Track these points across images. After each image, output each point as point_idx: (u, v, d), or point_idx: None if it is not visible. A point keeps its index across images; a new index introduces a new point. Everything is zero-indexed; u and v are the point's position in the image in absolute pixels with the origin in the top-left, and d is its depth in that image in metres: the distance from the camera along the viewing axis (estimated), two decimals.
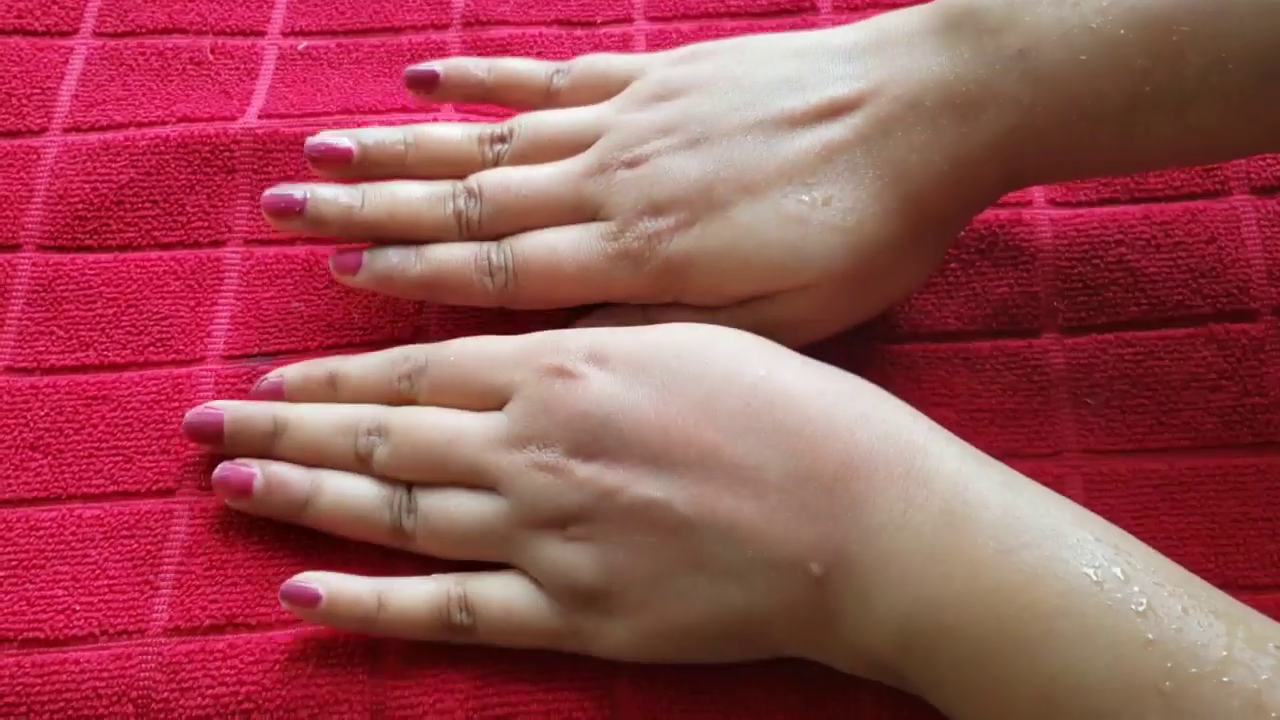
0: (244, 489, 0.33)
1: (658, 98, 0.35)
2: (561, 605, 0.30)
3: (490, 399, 0.33)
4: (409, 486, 0.33)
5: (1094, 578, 0.26)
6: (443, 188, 0.36)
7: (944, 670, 0.27)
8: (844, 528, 0.28)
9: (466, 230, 0.35)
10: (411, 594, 0.31)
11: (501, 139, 0.37)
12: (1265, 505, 0.34)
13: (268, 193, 0.36)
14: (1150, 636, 0.25)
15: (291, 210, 0.35)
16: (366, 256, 0.35)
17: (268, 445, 0.34)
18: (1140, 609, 0.25)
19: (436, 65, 0.38)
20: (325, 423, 0.34)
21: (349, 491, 0.33)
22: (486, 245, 0.35)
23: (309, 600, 0.31)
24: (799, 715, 0.31)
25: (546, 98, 0.38)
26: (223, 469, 0.33)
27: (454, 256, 0.35)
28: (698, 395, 0.30)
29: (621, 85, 0.36)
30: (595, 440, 0.30)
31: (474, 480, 0.32)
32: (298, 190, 0.36)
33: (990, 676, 0.26)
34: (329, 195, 0.35)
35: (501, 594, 0.31)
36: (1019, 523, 0.27)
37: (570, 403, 0.31)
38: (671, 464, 0.29)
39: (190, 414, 0.35)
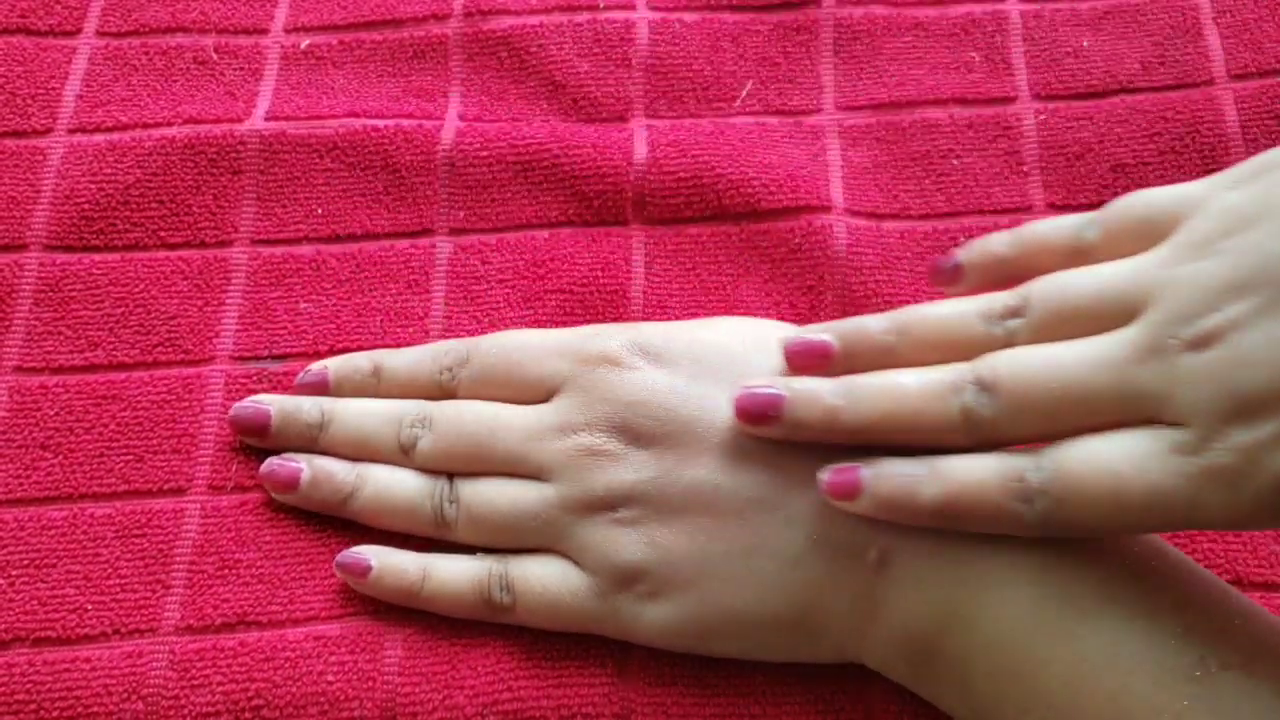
0: (291, 483, 0.34)
1: (1224, 235, 0.25)
2: (605, 587, 0.31)
3: (534, 391, 0.33)
4: (450, 478, 0.33)
5: (1133, 568, 0.27)
6: (945, 375, 0.28)
7: (976, 650, 0.27)
8: None
9: (977, 432, 0.27)
10: (454, 570, 0.32)
11: (1015, 312, 0.28)
12: None
13: (740, 395, 0.29)
14: (1182, 628, 0.25)
15: (764, 414, 0.29)
16: (869, 476, 0.28)
17: (313, 438, 0.35)
18: (1175, 601, 0.26)
19: (959, 254, 0.32)
20: (371, 415, 0.34)
21: (392, 483, 0.33)
22: (1019, 461, 0.27)
23: (360, 570, 0.33)
24: (808, 712, 0.32)
25: (1076, 257, 0.29)
26: (270, 464, 0.34)
27: (976, 472, 0.27)
28: None
29: (1171, 225, 0.27)
30: (653, 424, 0.31)
31: (520, 469, 0.32)
32: (764, 389, 0.29)
33: (1022, 656, 0.26)
34: (809, 392, 0.29)
35: (543, 574, 0.31)
36: None
37: (624, 390, 0.31)
38: (735, 452, 0.30)
39: (237, 407, 0.35)
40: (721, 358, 0.32)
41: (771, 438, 0.29)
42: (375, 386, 0.35)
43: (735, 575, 0.29)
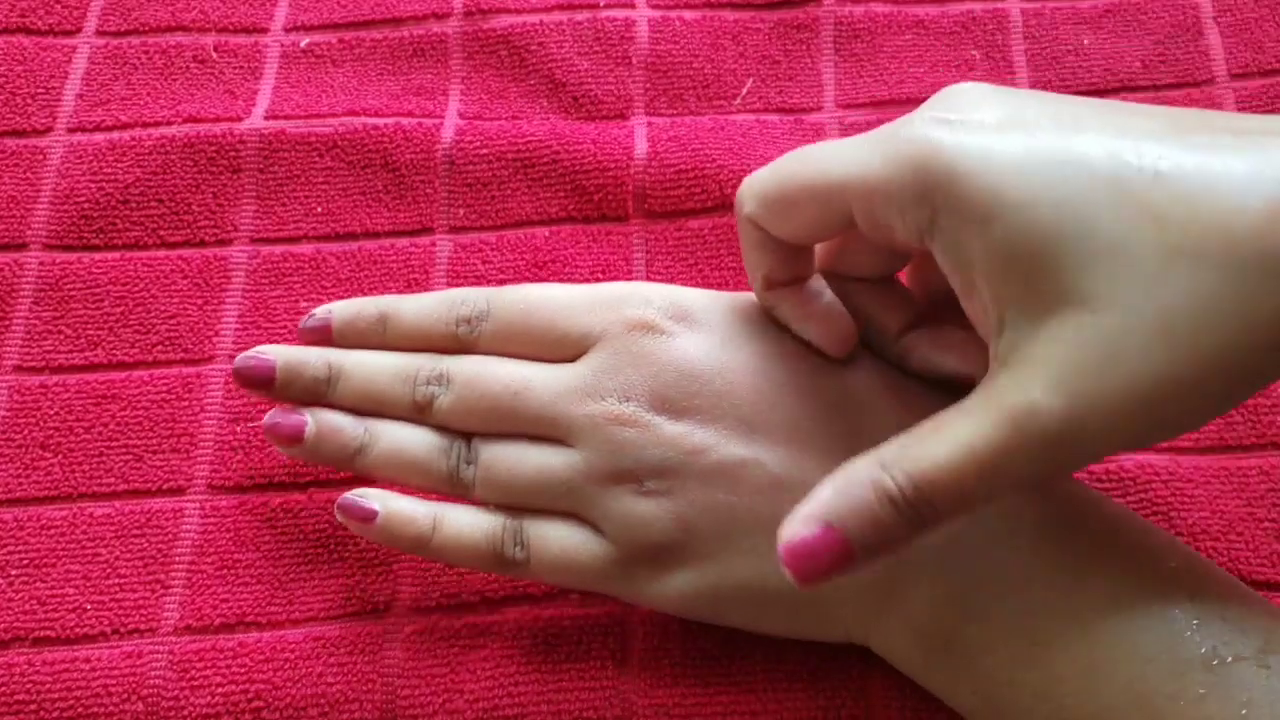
0: (295, 436, 0.32)
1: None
2: (625, 556, 0.30)
3: (562, 349, 0.32)
4: (466, 437, 0.32)
5: (1150, 561, 0.27)
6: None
7: (994, 639, 0.27)
8: None
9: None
10: (467, 521, 0.31)
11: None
12: (1269, 507, 0.34)
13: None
14: (1198, 620, 0.26)
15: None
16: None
17: (320, 392, 0.33)
18: (1191, 594, 0.26)
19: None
20: (383, 370, 0.33)
21: (405, 440, 0.32)
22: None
23: (365, 516, 0.31)
24: (810, 711, 0.32)
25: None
26: (274, 416, 0.33)
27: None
28: (789, 370, 0.30)
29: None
30: (685, 396, 0.30)
31: (543, 431, 0.31)
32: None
33: (1040, 642, 0.27)
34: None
35: (561, 537, 0.31)
36: (1087, 505, 0.28)
37: (659, 357, 0.30)
38: (764, 427, 0.30)
39: (241, 359, 0.33)
40: (755, 328, 0.31)
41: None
42: (381, 336, 0.34)
43: (756, 550, 0.29)
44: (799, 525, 0.25)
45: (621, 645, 0.33)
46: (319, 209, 0.40)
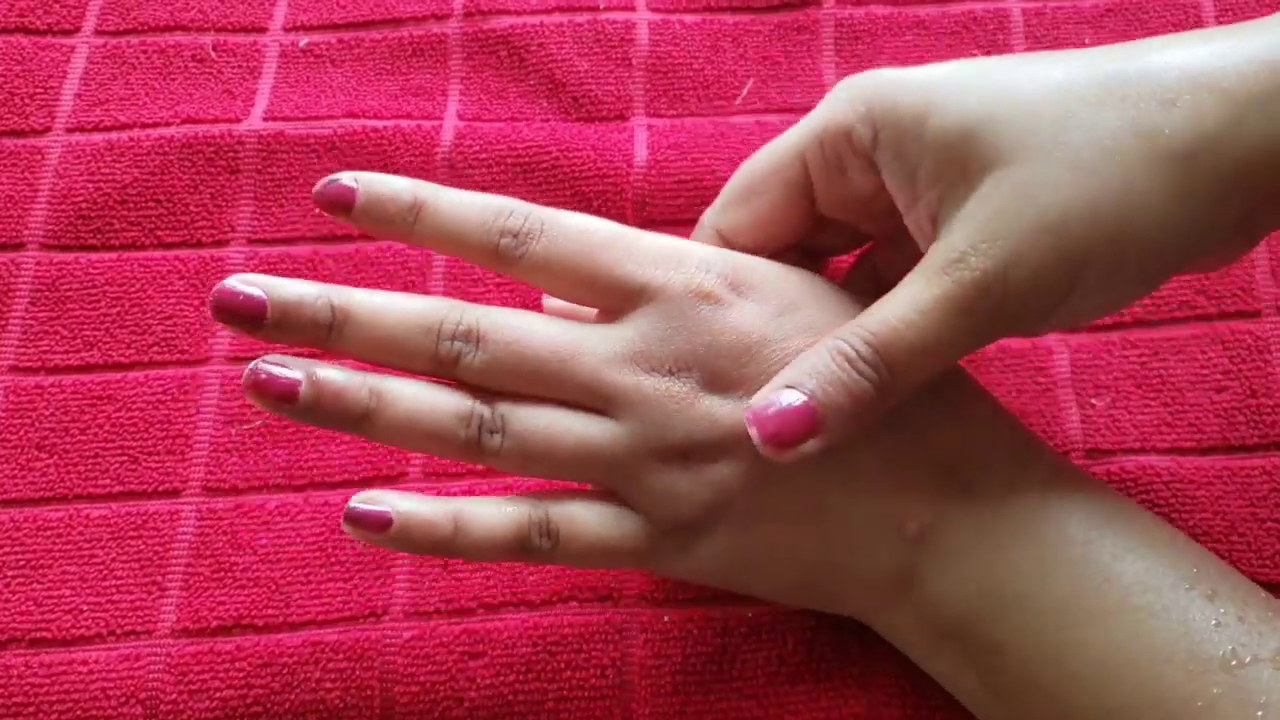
0: (286, 395, 0.28)
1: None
2: (657, 529, 0.29)
3: (614, 298, 0.30)
4: (487, 396, 0.29)
5: (1170, 563, 0.27)
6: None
7: (1012, 634, 0.27)
8: (949, 497, 0.28)
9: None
10: (491, 515, 0.29)
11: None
12: (1272, 507, 0.34)
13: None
14: (1216, 621, 0.26)
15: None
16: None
17: (320, 338, 0.28)
18: (1209, 595, 0.26)
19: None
20: (401, 316, 0.29)
21: (420, 404, 0.28)
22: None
23: (380, 524, 0.28)
24: (811, 713, 0.31)
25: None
26: (257, 369, 0.28)
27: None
28: None
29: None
30: (736, 369, 0.29)
31: (587, 400, 0.29)
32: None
33: (1056, 642, 0.27)
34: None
35: (590, 518, 0.29)
36: (1111, 507, 0.28)
37: (714, 328, 0.29)
38: None
39: (220, 286, 0.28)
40: (806, 297, 0.30)
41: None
42: (409, 228, 0.29)
43: (786, 520, 0.29)
44: (765, 392, 0.27)
45: (622, 652, 0.32)
46: (317, 210, 0.40)
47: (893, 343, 0.26)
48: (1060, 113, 0.26)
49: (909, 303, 0.26)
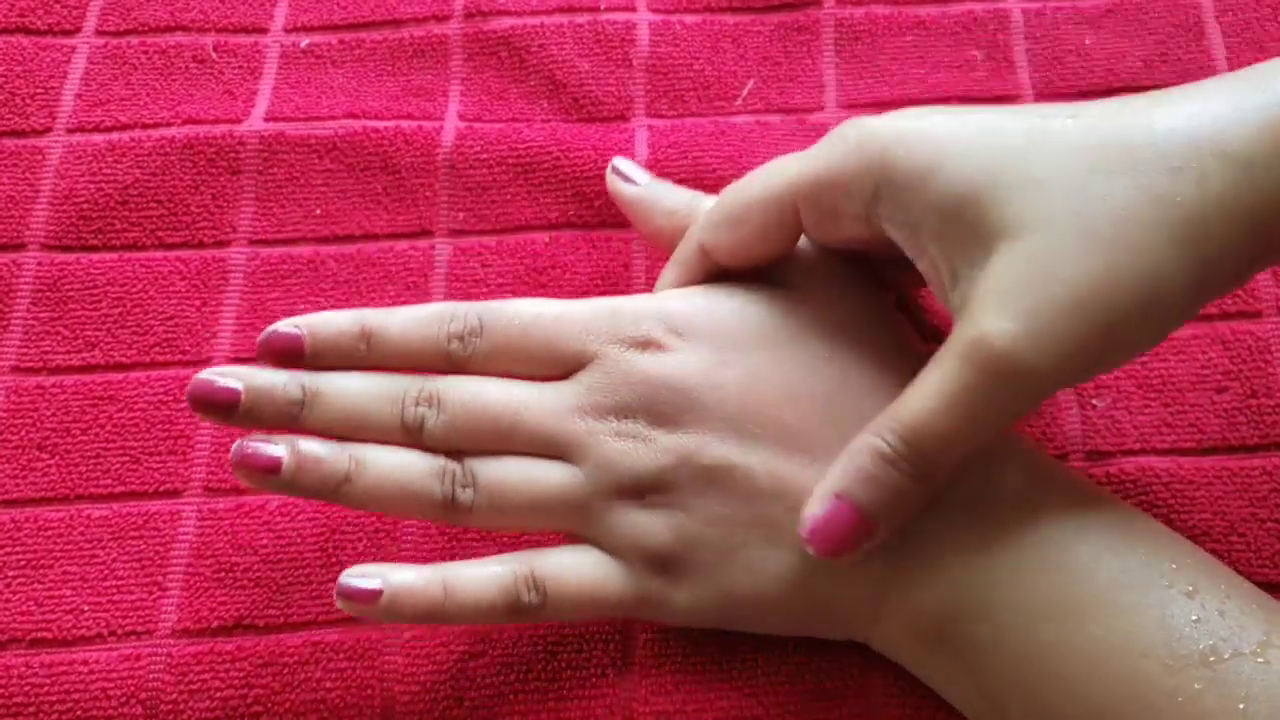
0: (270, 469, 0.29)
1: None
2: (635, 572, 0.30)
3: (559, 367, 0.31)
4: (458, 458, 0.31)
5: (1148, 559, 0.27)
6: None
7: (987, 637, 0.28)
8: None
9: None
10: (478, 578, 0.30)
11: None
12: (1272, 507, 0.34)
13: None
14: (1196, 616, 0.26)
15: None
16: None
17: (294, 415, 0.30)
18: (1189, 591, 0.26)
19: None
20: (365, 391, 0.31)
21: (394, 467, 0.30)
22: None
23: (368, 598, 0.29)
24: (812, 714, 0.31)
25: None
26: (243, 447, 0.30)
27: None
28: (780, 379, 0.30)
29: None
30: (677, 410, 0.30)
31: (542, 450, 0.31)
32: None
33: (1036, 640, 0.27)
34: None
35: (573, 565, 0.30)
36: (1091, 505, 0.28)
37: (655, 374, 0.30)
38: (751, 435, 0.30)
39: (195, 380, 0.30)
40: (744, 335, 0.31)
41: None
42: (364, 355, 0.31)
43: (752, 564, 0.29)
44: (815, 504, 0.28)
45: (623, 652, 0.33)
46: (318, 211, 0.40)
47: (926, 437, 0.26)
48: (1072, 182, 0.26)
49: (938, 394, 0.26)
